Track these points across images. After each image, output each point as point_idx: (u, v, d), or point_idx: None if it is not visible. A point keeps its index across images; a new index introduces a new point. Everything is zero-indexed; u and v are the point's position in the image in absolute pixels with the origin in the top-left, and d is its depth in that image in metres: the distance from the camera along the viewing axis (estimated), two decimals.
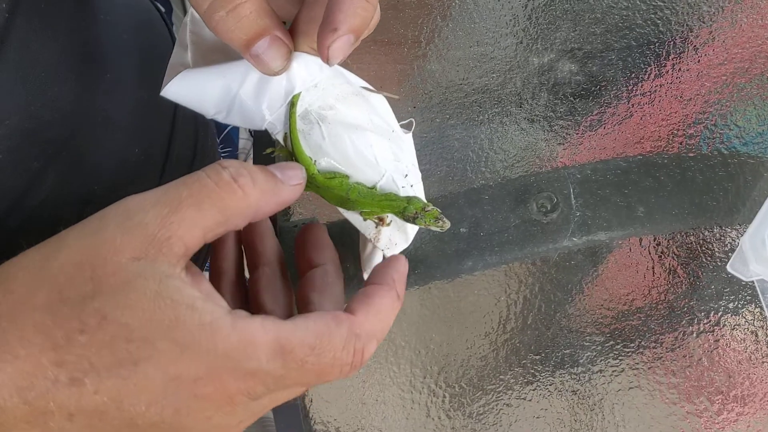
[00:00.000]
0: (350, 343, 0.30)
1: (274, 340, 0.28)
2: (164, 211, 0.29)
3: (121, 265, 0.28)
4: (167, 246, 0.28)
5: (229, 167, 0.31)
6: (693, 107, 0.56)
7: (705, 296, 0.52)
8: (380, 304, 0.33)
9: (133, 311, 0.27)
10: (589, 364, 0.51)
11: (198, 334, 0.27)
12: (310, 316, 0.30)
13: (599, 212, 0.54)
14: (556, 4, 0.59)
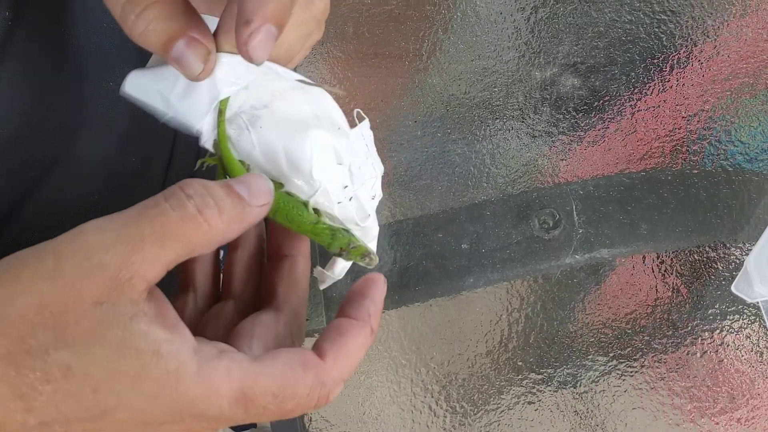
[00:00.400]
0: (315, 390, 0.30)
1: (238, 389, 0.28)
2: (125, 250, 0.28)
3: (83, 312, 0.27)
4: (129, 286, 0.28)
5: (194, 196, 0.29)
6: (697, 123, 0.55)
7: (709, 316, 0.51)
8: (352, 346, 0.32)
9: (99, 363, 0.27)
10: (591, 384, 0.51)
11: (163, 383, 0.27)
12: (278, 358, 0.30)
13: (602, 229, 0.53)
14: (559, 18, 0.58)
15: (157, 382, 0.27)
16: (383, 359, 0.53)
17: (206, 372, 0.28)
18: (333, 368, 0.30)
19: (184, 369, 0.28)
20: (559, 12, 0.58)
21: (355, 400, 0.52)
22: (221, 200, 0.30)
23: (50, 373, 0.27)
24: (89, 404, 0.27)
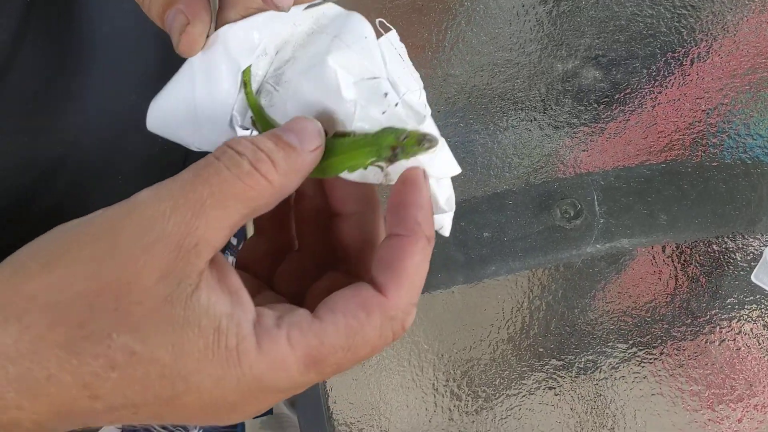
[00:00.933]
0: (386, 329, 0.28)
1: (304, 355, 0.27)
2: (186, 216, 0.26)
3: (146, 289, 0.26)
4: (195, 254, 0.26)
5: (246, 153, 0.28)
6: (716, 116, 0.56)
7: (727, 305, 0.52)
8: (410, 267, 0.29)
9: (163, 346, 0.26)
10: (611, 370, 0.52)
11: (226, 363, 0.26)
12: (337, 312, 0.28)
13: (622, 219, 0.54)
14: (581, 11, 0.59)
15: (221, 362, 0.26)
16: (406, 344, 0.54)
17: (267, 346, 0.27)
18: (398, 300, 0.28)
19: (245, 345, 0.27)
20: (582, 5, 0.59)
21: (378, 383, 0.53)
22: (273, 153, 0.28)
23: (114, 359, 0.26)
24: (157, 390, 0.26)
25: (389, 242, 0.29)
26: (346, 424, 0.52)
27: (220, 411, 0.28)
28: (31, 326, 0.26)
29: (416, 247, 0.29)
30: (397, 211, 0.30)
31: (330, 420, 0.52)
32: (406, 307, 0.28)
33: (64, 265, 0.27)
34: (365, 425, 0.52)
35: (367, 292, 0.28)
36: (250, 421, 0.68)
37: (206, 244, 0.26)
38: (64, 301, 0.26)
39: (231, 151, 0.28)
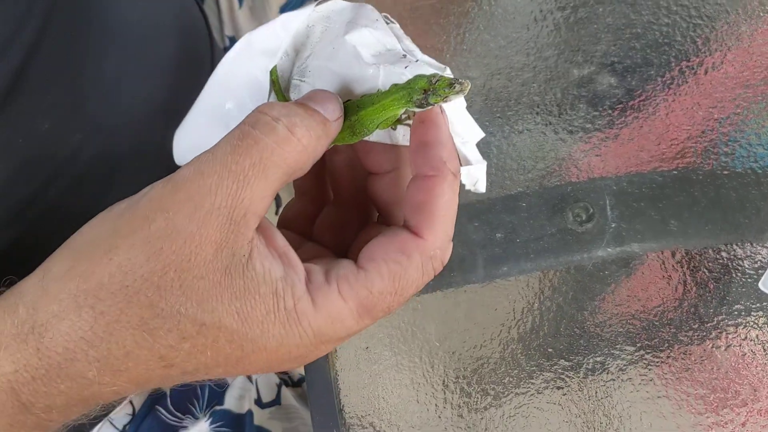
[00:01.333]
0: (427, 267, 0.29)
1: (357, 306, 0.29)
2: (232, 189, 0.27)
3: (206, 262, 0.27)
4: (244, 224, 0.28)
5: (281, 118, 0.29)
6: (729, 125, 0.57)
7: (734, 311, 0.53)
8: (441, 205, 0.30)
9: (229, 314, 0.27)
10: (619, 372, 0.53)
11: (287, 323, 0.28)
12: (378, 260, 0.29)
13: (634, 224, 0.55)
14: (599, 18, 0.60)
15: (282, 323, 0.28)
16: (417, 340, 0.55)
17: (321, 302, 0.28)
18: (434, 239, 0.29)
19: (301, 305, 0.28)
20: (599, 12, 0.60)
21: (390, 378, 0.54)
22: (306, 119, 0.29)
23: (185, 331, 0.27)
24: (227, 353, 0.28)
25: (417, 183, 0.30)
26: (357, 416, 0.53)
27: (285, 363, 0.30)
28: (105, 313, 0.27)
29: (444, 185, 0.30)
30: (421, 151, 0.30)
31: (341, 412, 0.53)
32: (443, 243, 0.30)
33: (125, 251, 0.28)
34: (375, 418, 0.53)
35: (403, 236, 0.29)
36: (258, 409, 0.69)
37: (253, 214, 0.28)
38: (132, 286, 0.27)
39: (266, 117, 0.29)
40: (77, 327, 0.27)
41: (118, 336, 0.27)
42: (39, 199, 0.46)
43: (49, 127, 0.46)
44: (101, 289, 0.28)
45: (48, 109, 0.46)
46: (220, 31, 0.74)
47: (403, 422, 0.53)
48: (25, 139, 0.44)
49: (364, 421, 0.53)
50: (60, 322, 0.28)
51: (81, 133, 0.48)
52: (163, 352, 0.28)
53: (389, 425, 0.53)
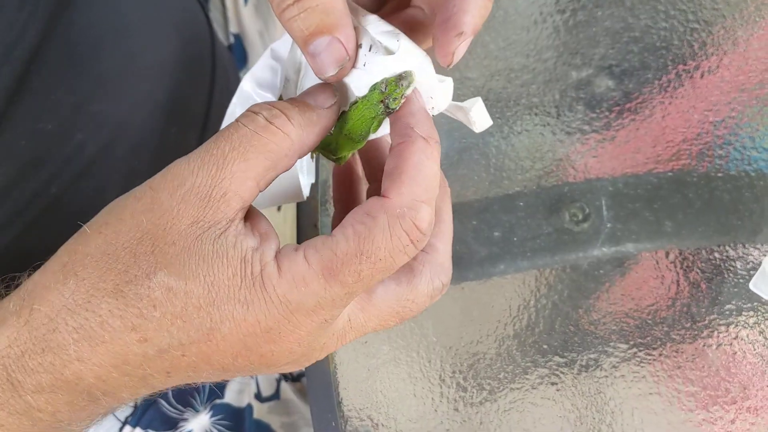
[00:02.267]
0: (396, 228, 0.28)
1: (321, 268, 0.28)
2: (212, 170, 0.29)
3: (180, 232, 0.29)
4: (224, 203, 0.29)
5: (262, 111, 0.30)
6: (723, 128, 0.58)
7: (725, 311, 0.54)
8: (410, 167, 0.29)
9: (196, 279, 0.28)
10: (612, 369, 0.54)
11: (254, 289, 0.28)
12: (346, 223, 0.29)
13: (629, 225, 0.56)
14: (597, 22, 0.61)
15: (248, 287, 0.28)
16: (415, 335, 0.56)
17: (286, 265, 0.29)
18: (399, 197, 0.29)
19: (267, 270, 0.28)
20: (598, 16, 0.61)
21: (388, 372, 0.55)
22: (288, 109, 0.31)
23: (155, 298, 0.28)
24: (196, 323, 0.28)
25: (390, 154, 0.31)
26: (356, 409, 0.54)
27: (260, 342, 0.29)
28: (86, 279, 0.29)
29: (413, 148, 0.30)
30: (393, 125, 0.32)
31: (339, 405, 0.54)
32: (411, 203, 0.29)
33: (113, 224, 0.30)
34: (373, 411, 0.54)
35: (371, 200, 0.30)
36: (257, 404, 0.70)
37: (234, 194, 0.29)
38: (112, 253, 0.29)
39: (249, 112, 0.30)
40: (61, 295, 0.29)
41: (94, 303, 0.28)
42: (41, 197, 0.47)
43: (53, 127, 0.47)
44: (86, 258, 0.29)
45: (51, 109, 0.47)
46: (225, 28, 0.75)
47: (400, 415, 0.54)
48: (29, 140, 0.45)
49: (362, 414, 0.54)
50: (48, 291, 0.29)
51: (83, 132, 0.49)
52: (135, 321, 0.28)
53: (387, 418, 0.54)
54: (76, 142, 0.48)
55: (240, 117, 0.31)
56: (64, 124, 0.48)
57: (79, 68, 0.48)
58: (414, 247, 0.29)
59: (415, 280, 0.33)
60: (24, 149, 0.45)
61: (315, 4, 0.30)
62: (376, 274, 0.29)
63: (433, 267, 0.33)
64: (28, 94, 0.45)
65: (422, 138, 0.30)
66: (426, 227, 0.29)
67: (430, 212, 0.29)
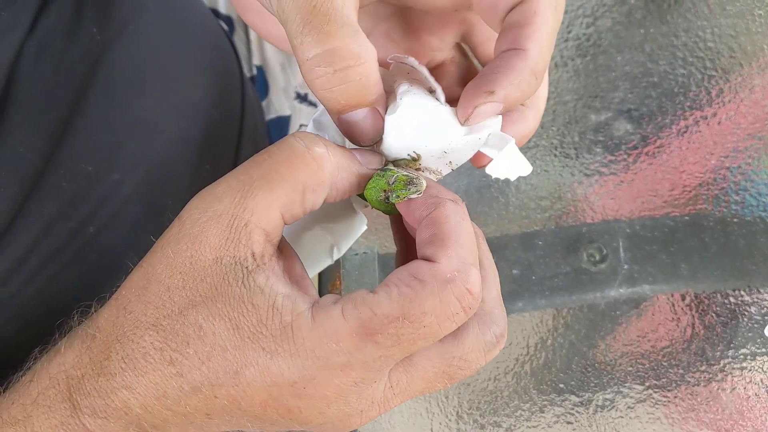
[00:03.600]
0: (446, 293, 0.27)
1: (357, 326, 0.27)
2: (236, 197, 0.28)
3: (206, 267, 0.28)
4: (245, 235, 0.28)
5: (303, 138, 0.29)
6: (739, 175, 0.60)
7: (740, 355, 0.55)
8: (450, 230, 0.28)
9: (222, 320, 0.28)
10: (627, 409, 0.55)
11: (281, 339, 0.27)
12: (390, 283, 0.28)
13: (645, 266, 0.57)
14: (617, 66, 0.62)
15: (275, 336, 0.27)
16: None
17: (320, 318, 0.27)
18: (449, 261, 0.27)
19: (299, 321, 0.27)
20: (618, 61, 0.63)
21: (405, 407, 0.56)
22: (330, 146, 0.30)
23: (188, 335, 0.28)
24: (223, 364, 0.28)
25: (421, 224, 0.30)
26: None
27: (285, 395, 0.28)
28: (132, 312, 0.29)
29: (446, 212, 0.29)
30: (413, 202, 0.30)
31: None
32: (461, 266, 0.27)
33: (149, 257, 0.30)
34: None
35: (418, 264, 0.28)
36: None
37: (256, 225, 0.28)
38: (149, 286, 0.29)
39: (290, 138, 0.29)
40: (113, 326, 0.30)
41: (138, 335, 0.29)
42: (79, 236, 0.47)
43: (92, 168, 0.48)
44: (131, 290, 0.30)
45: (92, 150, 0.48)
46: (248, 60, 0.77)
47: None
48: (70, 181, 0.46)
49: None
50: (106, 322, 0.30)
51: (119, 172, 0.50)
52: (172, 355, 0.28)
53: None
54: (113, 182, 0.48)
55: (279, 142, 0.29)
56: (103, 164, 0.48)
57: (119, 109, 0.49)
58: (464, 315, 0.27)
59: (461, 335, 0.30)
60: (65, 190, 0.46)
61: (357, 77, 0.29)
62: (418, 340, 0.27)
63: (481, 318, 0.30)
64: (72, 136, 0.46)
65: (450, 201, 0.29)
66: (478, 291, 0.28)
67: (479, 275, 0.28)
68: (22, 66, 0.45)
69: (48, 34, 0.46)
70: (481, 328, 0.30)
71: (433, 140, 0.32)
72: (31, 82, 0.45)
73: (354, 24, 0.29)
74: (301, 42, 0.28)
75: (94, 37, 0.48)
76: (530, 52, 0.30)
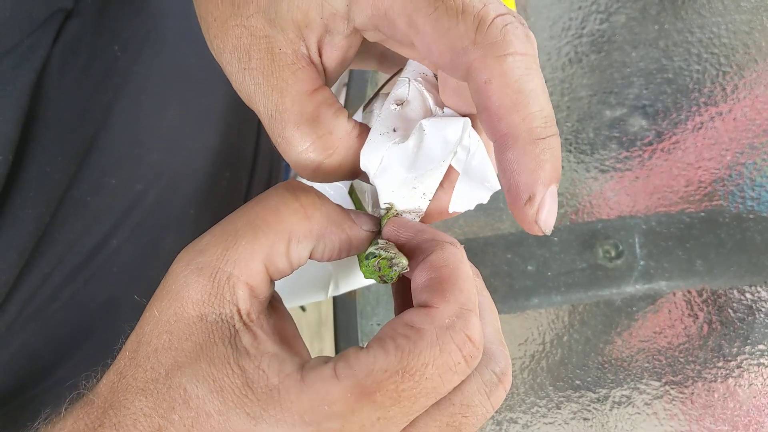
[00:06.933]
0: (446, 341, 0.25)
1: (353, 385, 0.24)
2: (219, 249, 0.26)
3: (190, 325, 0.26)
4: (229, 290, 0.26)
5: (295, 186, 0.28)
6: (755, 170, 0.59)
7: (757, 351, 0.55)
8: (450, 276, 0.26)
9: (206, 383, 0.26)
10: (644, 406, 0.54)
11: (266, 403, 0.25)
12: (384, 336, 0.26)
13: (661, 263, 0.57)
14: (632, 63, 0.62)
15: (260, 401, 0.25)
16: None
17: (311, 380, 0.25)
18: (447, 305, 0.25)
19: (287, 382, 0.25)
20: (632, 57, 0.63)
21: None
22: (322, 197, 0.28)
23: (173, 400, 0.26)
24: (208, 431, 0.26)
25: (418, 268, 0.28)
26: None
27: None
28: (126, 376, 0.27)
29: (445, 255, 0.27)
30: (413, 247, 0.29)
31: None
32: (460, 311, 0.25)
33: (141, 317, 0.28)
34: None
35: (412, 311, 0.26)
36: None
37: (238, 279, 0.26)
38: (139, 349, 0.27)
39: (280, 186, 0.28)
40: (109, 390, 0.28)
41: (129, 400, 0.27)
42: (102, 249, 0.47)
43: (116, 181, 0.48)
44: (125, 354, 0.28)
45: (116, 163, 0.47)
46: None
47: None
48: (94, 195, 0.46)
49: None
50: (103, 386, 0.29)
51: (142, 183, 0.49)
52: (158, 422, 0.26)
53: None
54: (136, 193, 0.48)
55: (271, 188, 0.28)
56: (126, 176, 0.48)
57: (144, 121, 0.49)
58: (466, 366, 0.25)
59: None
60: (89, 204, 0.45)
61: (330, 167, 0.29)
62: (420, 397, 0.25)
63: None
64: (97, 150, 0.46)
65: (449, 243, 0.27)
66: (479, 339, 0.25)
67: (479, 322, 0.26)
68: (47, 84, 0.44)
69: (70, 50, 0.46)
70: (479, 369, 0.27)
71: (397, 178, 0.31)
72: (57, 101, 0.45)
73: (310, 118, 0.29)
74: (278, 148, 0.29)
75: (116, 53, 0.48)
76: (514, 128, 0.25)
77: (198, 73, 0.55)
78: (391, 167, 0.30)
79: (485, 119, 0.26)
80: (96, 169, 0.46)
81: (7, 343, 0.45)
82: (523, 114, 0.25)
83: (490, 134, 0.26)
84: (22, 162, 0.43)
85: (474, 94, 0.26)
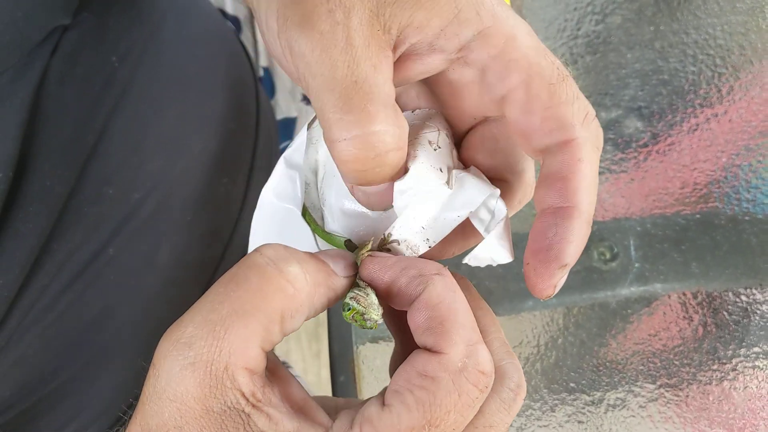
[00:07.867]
0: (462, 384, 0.25)
1: None
2: (208, 340, 0.25)
3: (197, 419, 0.25)
4: (228, 378, 0.25)
5: (273, 257, 0.26)
6: (750, 173, 0.59)
7: (752, 354, 0.55)
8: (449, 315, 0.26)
9: None
10: (639, 408, 0.54)
11: None
12: (401, 389, 0.26)
13: (657, 265, 0.57)
14: (627, 64, 0.62)
15: None
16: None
17: None
18: (455, 347, 0.26)
19: None
20: (628, 58, 0.62)
21: None
22: (305, 261, 0.27)
23: None
24: None
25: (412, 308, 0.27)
26: None
27: None
28: None
29: (437, 290, 0.27)
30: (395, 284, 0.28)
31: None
32: (468, 350, 0.26)
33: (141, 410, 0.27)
34: None
35: (422, 358, 0.26)
36: None
37: (236, 366, 0.25)
38: None
39: (258, 256, 0.27)
40: None
41: None
42: (100, 258, 0.47)
43: (114, 191, 0.47)
44: None
45: (114, 174, 0.47)
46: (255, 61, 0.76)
47: None
48: (92, 205, 0.46)
49: None
50: None
51: (140, 191, 0.49)
52: None
53: None
54: (134, 202, 0.48)
55: (249, 262, 0.26)
56: (124, 185, 0.48)
57: (143, 130, 0.48)
58: (482, 395, 0.26)
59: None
60: (87, 215, 0.45)
61: (393, 162, 0.27)
62: None
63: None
64: (97, 160, 0.46)
65: (438, 276, 0.27)
66: (490, 368, 0.26)
67: (487, 351, 0.26)
68: (46, 97, 0.44)
69: (69, 61, 0.46)
70: (495, 389, 0.27)
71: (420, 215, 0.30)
72: (56, 113, 0.44)
73: (394, 103, 0.27)
74: (339, 119, 0.26)
75: (114, 63, 0.48)
76: (582, 205, 0.29)
77: (197, 80, 0.55)
78: (425, 204, 0.30)
79: (558, 186, 0.29)
80: (95, 178, 0.46)
81: (6, 356, 0.44)
82: (592, 198, 0.29)
83: (556, 199, 0.29)
84: (23, 177, 0.43)
85: (555, 163, 0.29)
